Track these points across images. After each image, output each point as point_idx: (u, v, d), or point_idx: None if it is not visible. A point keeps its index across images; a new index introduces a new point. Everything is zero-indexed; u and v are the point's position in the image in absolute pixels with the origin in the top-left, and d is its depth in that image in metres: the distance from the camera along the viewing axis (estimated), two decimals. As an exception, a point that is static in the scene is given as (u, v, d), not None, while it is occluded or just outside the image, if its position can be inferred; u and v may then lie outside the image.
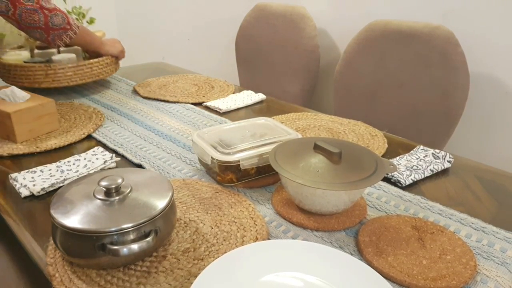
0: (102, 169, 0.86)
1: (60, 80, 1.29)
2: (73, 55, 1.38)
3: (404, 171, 0.86)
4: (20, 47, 1.43)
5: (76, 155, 0.91)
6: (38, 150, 0.96)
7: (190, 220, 0.71)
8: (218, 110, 1.24)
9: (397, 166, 0.88)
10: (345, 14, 1.69)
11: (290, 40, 1.74)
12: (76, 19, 1.46)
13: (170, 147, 0.99)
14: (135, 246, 0.56)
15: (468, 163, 0.94)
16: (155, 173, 0.71)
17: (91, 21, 1.48)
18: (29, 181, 0.80)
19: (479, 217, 0.73)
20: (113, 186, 0.61)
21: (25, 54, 1.38)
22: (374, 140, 1.03)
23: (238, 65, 1.99)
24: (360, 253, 0.64)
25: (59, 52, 1.42)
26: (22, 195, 0.77)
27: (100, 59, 1.36)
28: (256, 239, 0.66)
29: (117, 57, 1.43)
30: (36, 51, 1.40)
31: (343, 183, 0.65)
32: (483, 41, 1.34)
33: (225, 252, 0.61)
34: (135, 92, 1.41)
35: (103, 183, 0.61)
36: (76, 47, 1.43)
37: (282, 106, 1.31)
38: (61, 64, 1.29)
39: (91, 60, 1.34)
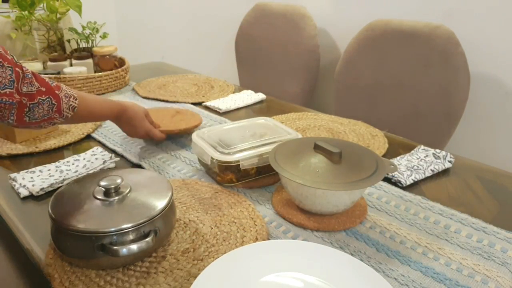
0: (101, 169, 0.86)
1: None
2: (84, 68, 1.39)
3: (405, 171, 0.86)
4: (34, 59, 1.47)
5: (75, 155, 0.91)
6: (37, 150, 0.96)
7: (189, 220, 0.70)
8: (218, 110, 1.24)
9: (398, 166, 0.88)
10: (345, 14, 1.69)
11: (290, 40, 1.74)
12: (90, 33, 1.45)
13: (170, 147, 0.99)
14: (134, 247, 0.56)
15: (468, 163, 0.94)
16: (154, 173, 0.71)
17: (104, 36, 1.49)
18: (28, 181, 0.80)
19: (480, 217, 0.73)
20: (112, 186, 0.60)
21: (38, 66, 1.41)
22: (375, 140, 1.03)
23: (238, 65, 1.99)
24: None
25: (71, 64, 1.44)
26: (21, 195, 0.77)
27: (109, 72, 1.37)
28: (256, 240, 0.66)
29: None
30: (49, 63, 1.43)
31: (344, 183, 0.65)
32: (483, 41, 1.34)
33: (225, 253, 0.61)
34: (134, 92, 1.40)
35: (103, 183, 0.60)
36: (88, 60, 1.43)
37: (282, 106, 1.30)
38: (71, 76, 1.30)
39: (101, 73, 1.35)
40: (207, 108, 1.27)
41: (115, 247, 0.55)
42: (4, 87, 0.63)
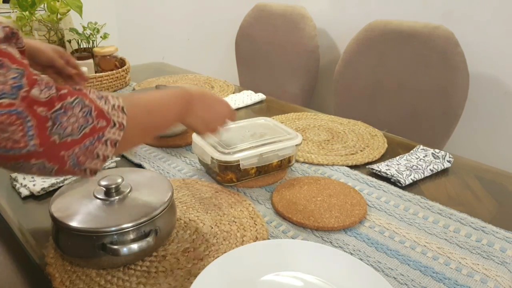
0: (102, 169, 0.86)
1: None
2: (85, 69, 1.35)
3: (404, 171, 0.86)
4: None
5: (76, 155, 0.91)
6: (38, 150, 0.96)
7: (190, 220, 0.71)
8: (218, 110, 1.24)
9: (397, 166, 0.88)
10: (345, 14, 1.69)
11: (290, 40, 1.74)
12: (91, 34, 1.44)
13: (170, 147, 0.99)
14: (135, 246, 0.56)
15: (467, 163, 0.94)
16: (155, 173, 0.71)
17: (104, 37, 1.49)
18: (29, 181, 0.80)
19: (479, 216, 0.73)
20: (113, 186, 0.61)
21: None
22: (374, 140, 1.03)
23: (238, 65, 1.99)
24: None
25: None
26: (22, 195, 0.77)
27: (110, 73, 1.36)
28: (256, 239, 0.66)
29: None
30: None
31: None
32: (482, 41, 1.34)
33: (225, 252, 0.61)
34: (135, 92, 1.41)
35: (103, 182, 0.61)
36: (89, 60, 1.41)
37: (282, 106, 1.31)
38: None
39: (102, 74, 1.35)
40: (207, 108, 1.27)
41: (115, 247, 0.55)
42: (1, 96, 0.42)
